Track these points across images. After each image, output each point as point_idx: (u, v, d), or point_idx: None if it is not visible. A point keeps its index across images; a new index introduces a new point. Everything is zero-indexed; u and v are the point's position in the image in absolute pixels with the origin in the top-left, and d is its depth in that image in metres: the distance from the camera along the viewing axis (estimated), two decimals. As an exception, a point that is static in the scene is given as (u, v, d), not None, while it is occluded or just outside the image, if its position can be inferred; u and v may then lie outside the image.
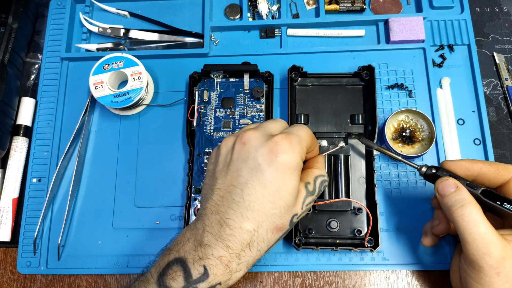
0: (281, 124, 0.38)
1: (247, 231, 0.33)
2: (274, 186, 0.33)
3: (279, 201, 0.33)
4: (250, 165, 0.33)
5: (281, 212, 0.33)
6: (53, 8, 0.56)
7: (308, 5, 0.54)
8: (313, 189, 0.37)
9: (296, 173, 0.34)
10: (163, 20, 0.54)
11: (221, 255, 0.32)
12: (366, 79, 0.48)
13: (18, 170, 0.50)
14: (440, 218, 0.40)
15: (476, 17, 0.55)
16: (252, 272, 0.45)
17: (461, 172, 0.37)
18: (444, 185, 0.35)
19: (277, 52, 0.52)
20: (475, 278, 0.33)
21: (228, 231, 0.33)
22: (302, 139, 0.35)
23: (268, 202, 0.33)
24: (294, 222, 0.36)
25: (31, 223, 0.47)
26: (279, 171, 0.33)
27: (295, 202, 0.34)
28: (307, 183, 0.36)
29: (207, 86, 0.50)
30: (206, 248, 0.33)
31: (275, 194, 0.33)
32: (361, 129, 0.47)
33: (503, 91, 0.52)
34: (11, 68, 0.52)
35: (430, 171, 0.37)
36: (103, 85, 0.48)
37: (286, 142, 0.33)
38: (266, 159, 0.33)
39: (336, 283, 0.45)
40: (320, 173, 0.38)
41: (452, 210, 0.33)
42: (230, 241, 0.32)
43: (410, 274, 0.45)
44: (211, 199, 0.35)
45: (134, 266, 0.46)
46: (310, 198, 0.36)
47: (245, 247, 0.33)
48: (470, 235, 0.32)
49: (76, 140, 0.49)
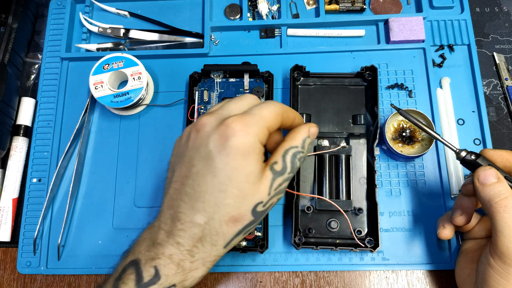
0: (248, 102, 0.34)
1: (198, 224, 0.30)
2: (225, 174, 0.30)
3: (231, 189, 0.30)
4: (202, 153, 0.31)
5: (236, 202, 0.30)
6: (53, 8, 0.56)
7: (308, 5, 0.54)
8: (283, 167, 0.32)
9: (252, 157, 0.31)
10: (163, 20, 0.54)
11: (171, 253, 0.30)
12: (369, 80, 0.48)
13: (18, 170, 0.50)
14: (464, 208, 0.38)
15: (476, 17, 0.55)
16: (252, 272, 0.45)
17: (501, 163, 0.36)
18: (486, 174, 0.34)
19: (277, 52, 0.52)
20: (501, 272, 0.33)
21: (179, 225, 0.31)
22: (262, 119, 0.31)
23: (219, 191, 0.30)
24: (262, 211, 0.32)
25: (31, 223, 0.47)
26: (229, 156, 0.30)
27: (256, 189, 0.31)
28: (273, 163, 0.32)
29: (207, 86, 0.49)
30: (157, 247, 0.31)
31: (227, 182, 0.30)
32: (362, 129, 0.47)
33: (503, 91, 0.52)
34: (11, 68, 0.52)
35: (469, 157, 0.36)
36: (103, 85, 0.48)
37: (238, 124, 0.30)
38: (217, 145, 0.30)
39: (336, 283, 0.45)
40: (290, 145, 0.33)
41: (495, 201, 0.33)
42: (180, 237, 0.31)
43: (410, 274, 0.45)
44: (168, 193, 0.33)
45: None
46: (280, 179, 0.32)
47: (196, 242, 0.31)
48: (509, 227, 0.32)
49: (76, 140, 0.49)
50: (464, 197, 0.39)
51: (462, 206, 0.39)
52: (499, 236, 0.32)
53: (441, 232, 0.41)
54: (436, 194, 0.46)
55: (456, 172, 0.47)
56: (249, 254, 0.45)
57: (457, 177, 0.46)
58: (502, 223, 0.32)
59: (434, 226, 0.45)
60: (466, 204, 0.38)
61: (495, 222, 0.33)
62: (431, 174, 0.47)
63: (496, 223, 0.32)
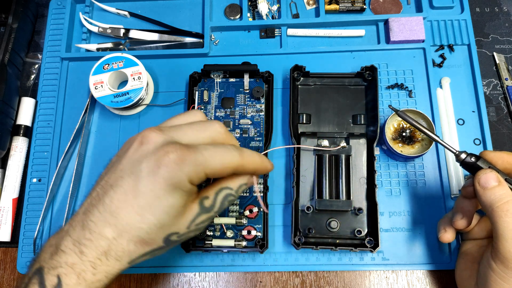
0: (214, 134, 0.33)
1: (106, 238, 0.30)
2: (147, 200, 0.29)
3: (149, 216, 0.29)
4: (133, 168, 0.30)
5: (150, 228, 0.30)
6: (53, 8, 0.56)
7: (308, 5, 0.54)
8: (212, 204, 0.33)
9: (178, 193, 0.30)
10: (163, 20, 0.54)
11: (74, 262, 0.29)
12: (369, 80, 0.48)
13: (18, 170, 0.50)
14: (464, 211, 0.38)
15: (476, 17, 0.55)
16: (252, 272, 0.45)
17: (502, 165, 0.35)
18: (487, 177, 0.33)
19: (277, 52, 0.52)
20: (503, 276, 0.33)
21: (87, 235, 0.30)
22: (204, 163, 0.30)
23: (135, 213, 0.29)
24: (174, 241, 0.32)
25: (31, 223, 0.47)
26: (156, 184, 0.29)
27: (175, 221, 0.31)
28: (204, 198, 0.32)
29: (207, 86, 0.49)
30: (60, 254, 0.30)
31: (146, 208, 0.29)
32: (363, 129, 0.47)
33: (503, 91, 0.52)
34: (11, 68, 0.52)
35: (469, 159, 0.36)
36: (103, 85, 0.48)
37: (176, 156, 0.29)
38: (149, 168, 0.29)
39: (336, 283, 0.45)
40: (226, 185, 0.33)
41: (496, 205, 0.32)
42: (86, 246, 0.29)
43: (410, 274, 0.45)
44: (90, 195, 0.32)
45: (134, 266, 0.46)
46: (204, 216, 0.32)
47: (101, 255, 0.30)
48: (511, 231, 0.32)
49: (76, 140, 0.49)
50: (464, 200, 0.38)
51: (462, 209, 0.38)
52: (500, 240, 0.32)
53: (443, 236, 0.40)
54: (436, 194, 0.46)
55: (456, 172, 0.47)
56: (249, 254, 0.45)
57: (457, 177, 0.46)
58: (503, 227, 0.32)
59: (434, 226, 0.45)
60: (466, 207, 0.38)
61: (496, 227, 0.32)
62: (431, 174, 0.47)
63: (497, 227, 0.32)
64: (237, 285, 0.45)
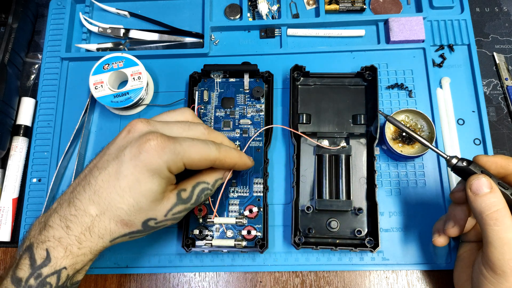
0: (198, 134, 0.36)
1: (90, 215, 0.32)
2: (127, 182, 0.32)
3: (128, 198, 0.32)
4: (118, 153, 0.33)
5: (129, 210, 0.33)
6: (53, 8, 0.56)
7: (308, 5, 0.54)
8: (188, 197, 0.35)
9: (156, 178, 0.33)
10: (163, 20, 0.54)
11: (61, 236, 0.32)
12: (369, 80, 0.48)
13: (18, 170, 0.50)
14: (456, 219, 0.38)
15: (476, 17, 0.55)
16: (252, 272, 0.45)
17: (495, 169, 0.35)
18: (479, 183, 0.33)
19: (277, 52, 0.52)
20: (493, 281, 0.33)
21: (73, 211, 0.33)
22: (183, 153, 0.33)
23: (116, 194, 0.32)
24: (152, 227, 0.35)
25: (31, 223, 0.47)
26: (136, 168, 0.32)
27: (154, 206, 0.33)
28: (181, 190, 0.35)
29: (207, 86, 0.49)
30: (48, 229, 0.32)
31: (126, 189, 0.32)
32: (363, 129, 0.47)
33: (503, 91, 0.52)
34: (11, 68, 0.52)
35: (461, 163, 0.35)
36: (103, 85, 0.48)
37: (156, 143, 0.32)
38: (131, 152, 0.32)
39: (336, 283, 0.45)
40: (203, 180, 0.36)
41: (486, 213, 0.32)
42: (71, 222, 0.32)
43: (410, 274, 0.45)
44: (79, 177, 0.35)
45: (134, 266, 0.46)
46: (181, 207, 0.35)
47: (85, 230, 0.32)
48: (499, 240, 0.31)
49: (76, 140, 0.49)
50: (456, 207, 0.38)
51: (454, 217, 0.38)
52: (489, 248, 0.32)
53: (436, 240, 0.40)
54: (436, 194, 0.46)
55: (456, 172, 0.47)
56: (249, 254, 0.45)
57: (457, 178, 0.46)
58: (492, 235, 0.32)
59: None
60: (458, 215, 0.37)
61: (486, 234, 0.32)
62: (431, 174, 0.47)
63: (487, 235, 0.32)
64: (237, 285, 0.45)
